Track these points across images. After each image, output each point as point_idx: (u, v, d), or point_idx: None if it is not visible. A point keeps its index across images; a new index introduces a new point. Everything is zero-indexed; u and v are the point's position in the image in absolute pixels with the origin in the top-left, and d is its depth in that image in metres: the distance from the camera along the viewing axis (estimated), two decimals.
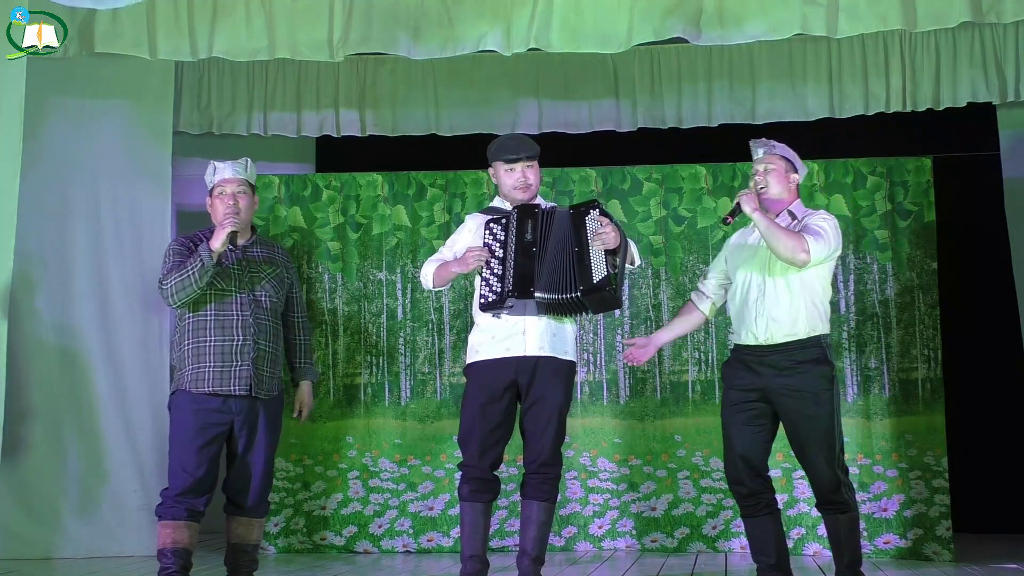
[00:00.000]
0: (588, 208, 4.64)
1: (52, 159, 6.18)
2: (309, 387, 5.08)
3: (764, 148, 4.76)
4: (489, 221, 4.71)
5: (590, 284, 4.51)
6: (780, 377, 4.55)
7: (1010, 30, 6.37)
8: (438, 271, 4.79)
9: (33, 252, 6.07)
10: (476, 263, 4.61)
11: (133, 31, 5.73)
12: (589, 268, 4.53)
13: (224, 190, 4.82)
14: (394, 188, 6.63)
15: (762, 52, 6.70)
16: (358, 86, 7.00)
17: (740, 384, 4.65)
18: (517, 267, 4.54)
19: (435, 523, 6.40)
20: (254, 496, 4.81)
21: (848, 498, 4.60)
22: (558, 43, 5.53)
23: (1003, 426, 7.02)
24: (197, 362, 4.70)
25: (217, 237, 4.68)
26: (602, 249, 4.56)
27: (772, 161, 4.71)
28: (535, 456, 4.67)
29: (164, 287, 4.69)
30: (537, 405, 4.65)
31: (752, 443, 4.61)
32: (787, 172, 4.72)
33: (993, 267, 6.85)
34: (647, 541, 6.31)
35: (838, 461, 4.58)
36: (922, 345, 6.22)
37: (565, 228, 4.60)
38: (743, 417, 4.62)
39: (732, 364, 4.73)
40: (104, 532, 6.10)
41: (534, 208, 4.66)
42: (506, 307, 4.56)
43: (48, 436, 6.08)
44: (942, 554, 5.99)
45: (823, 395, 4.54)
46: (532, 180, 4.73)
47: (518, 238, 4.58)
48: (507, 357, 4.63)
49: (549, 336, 4.65)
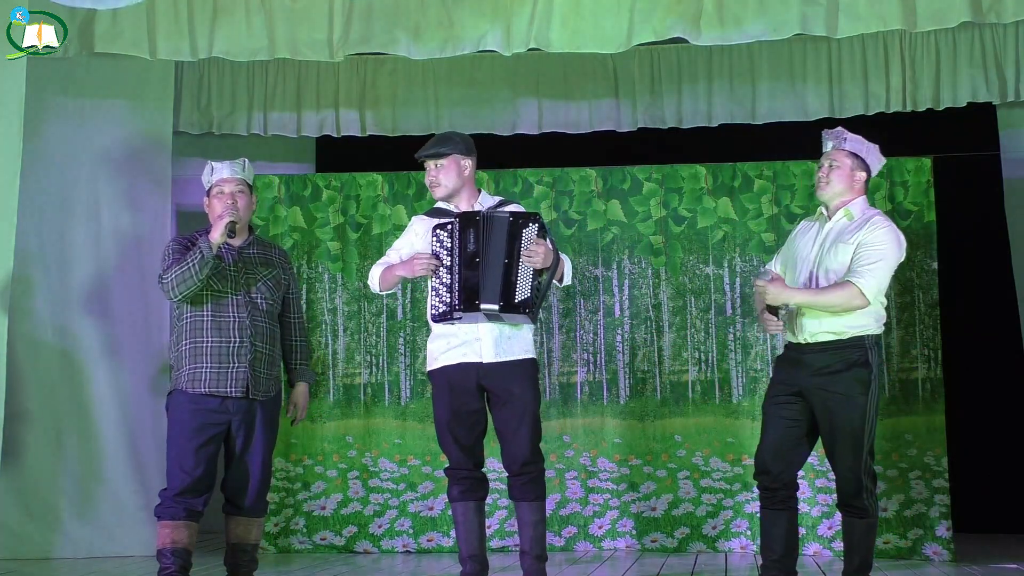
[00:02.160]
0: (527, 221, 4.60)
1: (52, 159, 6.18)
2: (305, 389, 5.04)
3: (834, 141, 4.64)
4: (436, 227, 4.69)
5: (510, 302, 4.53)
6: (817, 376, 4.49)
7: (1010, 30, 6.37)
8: (384, 274, 4.79)
9: (33, 252, 6.07)
10: (423, 271, 4.62)
11: (133, 31, 5.72)
12: (514, 285, 4.54)
13: (223, 189, 4.81)
14: (394, 188, 6.63)
15: (762, 52, 6.70)
16: (358, 86, 6.99)
17: (781, 379, 4.62)
18: (462, 279, 4.55)
19: (435, 523, 6.40)
20: (252, 496, 4.81)
21: (869, 504, 4.55)
22: (558, 43, 5.52)
23: (1003, 426, 7.02)
24: (194, 362, 4.70)
25: (216, 228, 4.67)
26: (530, 266, 4.56)
27: (838, 158, 4.60)
28: (515, 458, 4.67)
29: (165, 281, 4.67)
30: (507, 407, 4.65)
31: (783, 437, 4.57)
32: (853, 170, 4.60)
33: (993, 267, 6.85)
34: (647, 541, 6.31)
35: (865, 466, 4.51)
36: (922, 345, 6.22)
37: (502, 235, 4.58)
38: (779, 411, 4.58)
39: (781, 359, 4.70)
40: (104, 532, 6.10)
41: (475, 216, 4.63)
42: (455, 318, 4.58)
43: (48, 436, 6.08)
44: (942, 554, 5.99)
45: (857, 399, 4.46)
46: (441, 179, 4.71)
47: (461, 248, 4.58)
48: (466, 363, 4.64)
49: (504, 341, 4.64)
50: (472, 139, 4.87)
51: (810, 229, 4.72)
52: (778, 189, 6.41)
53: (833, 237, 4.58)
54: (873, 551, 4.67)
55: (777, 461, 4.58)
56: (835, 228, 4.60)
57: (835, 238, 4.57)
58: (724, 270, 6.43)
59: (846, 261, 4.51)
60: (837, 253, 4.53)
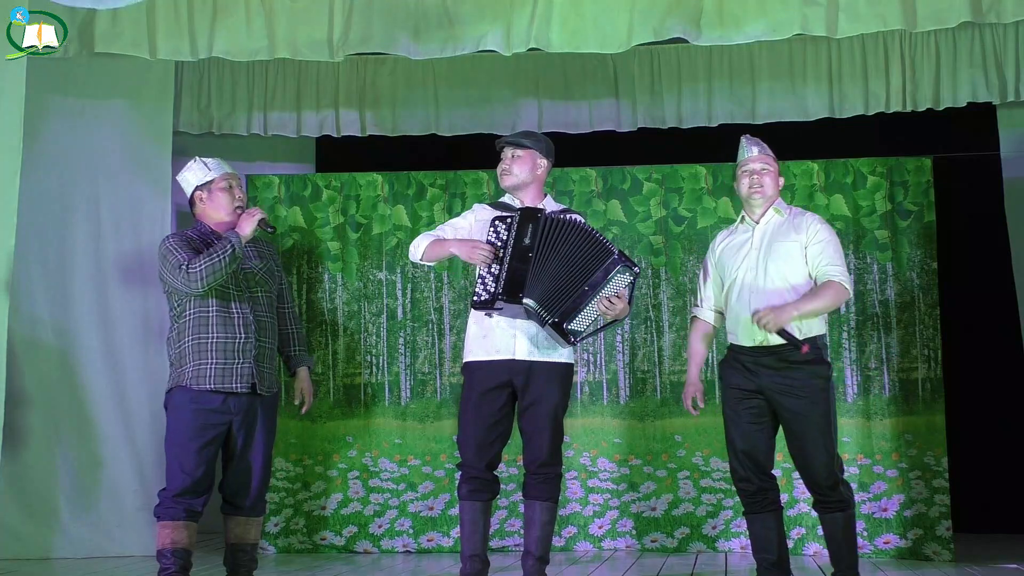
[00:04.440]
0: (628, 267, 4.61)
1: (52, 158, 6.17)
2: (307, 373, 5.01)
3: (759, 147, 4.78)
4: (495, 219, 4.70)
5: (561, 327, 4.55)
6: (776, 376, 4.56)
7: (1010, 30, 6.37)
8: (432, 245, 4.78)
9: (33, 251, 6.06)
10: (479, 260, 4.61)
11: (133, 31, 5.73)
12: (576, 312, 4.56)
13: (230, 183, 4.82)
14: (394, 188, 6.63)
15: (762, 52, 6.70)
16: (358, 86, 7.00)
17: (738, 383, 4.66)
18: (511, 271, 4.54)
19: (435, 523, 6.40)
20: (252, 496, 4.80)
21: (846, 495, 4.61)
22: (558, 43, 5.53)
23: (1003, 426, 7.02)
24: (199, 358, 4.67)
25: (247, 223, 4.70)
26: (601, 312, 4.60)
27: (768, 163, 4.75)
28: (534, 457, 4.69)
29: (192, 271, 4.59)
30: (534, 407, 4.66)
31: (755, 440, 4.62)
32: (777, 174, 4.77)
33: (993, 267, 6.84)
34: (647, 541, 6.31)
35: (836, 459, 4.58)
36: (922, 345, 6.22)
37: (584, 255, 4.57)
38: (744, 415, 4.63)
39: (729, 364, 4.73)
40: (103, 532, 6.10)
41: (537, 213, 4.64)
42: (496, 308, 4.58)
43: (47, 435, 6.07)
44: (942, 554, 5.99)
45: (819, 394, 4.55)
46: (514, 169, 4.73)
47: (517, 241, 4.58)
48: (499, 359, 4.65)
49: (540, 340, 4.65)
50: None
51: (735, 237, 4.79)
52: None
53: (771, 236, 4.68)
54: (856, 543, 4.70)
55: (755, 468, 4.64)
56: (769, 228, 4.70)
57: (773, 236, 4.67)
58: None
59: (793, 256, 4.61)
60: (780, 249, 4.63)
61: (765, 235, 4.69)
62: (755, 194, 4.71)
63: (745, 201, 4.78)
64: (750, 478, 4.63)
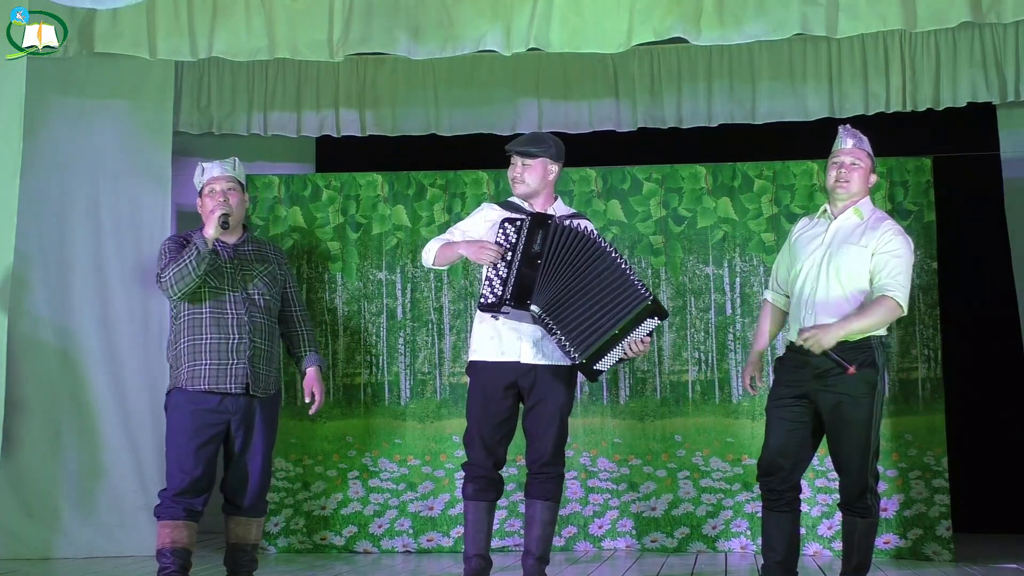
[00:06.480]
0: (657, 313, 4.59)
1: (52, 158, 6.17)
2: (317, 372, 4.99)
3: (855, 140, 4.62)
4: (505, 220, 4.68)
5: (589, 368, 4.55)
6: (823, 378, 4.46)
7: (1010, 30, 6.37)
8: (443, 249, 4.77)
9: (33, 252, 6.06)
10: (486, 260, 4.60)
11: (133, 31, 5.73)
12: (603, 353, 4.54)
13: (214, 188, 4.83)
14: (394, 188, 6.62)
15: (762, 52, 6.70)
16: (358, 86, 6.99)
17: (785, 381, 4.59)
18: (519, 276, 4.53)
19: (435, 523, 6.40)
20: (252, 495, 4.81)
21: (872, 504, 4.55)
22: (558, 43, 5.53)
23: (1003, 426, 7.01)
24: (193, 360, 4.69)
25: (209, 223, 4.69)
26: (623, 354, 4.58)
27: (861, 158, 4.59)
28: (537, 457, 4.70)
29: (163, 279, 4.67)
30: (538, 407, 4.67)
31: (787, 440, 4.55)
32: (870, 171, 4.61)
33: (993, 267, 6.84)
34: (647, 541, 6.31)
35: (870, 468, 4.51)
36: (922, 345, 6.22)
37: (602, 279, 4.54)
38: (783, 413, 4.56)
39: (783, 361, 4.66)
40: (103, 532, 6.09)
41: (548, 219, 4.62)
42: (502, 312, 4.57)
43: (47, 436, 6.07)
44: (942, 554, 5.99)
45: (862, 400, 4.44)
46: (526, 178, 4.73)
47: (527, 246, 4.56)
48: (505, 361, 4.65)
49: (545, 344, 4.65)
50: (564, 144, 4.86)
51: (813, 226, 4.68)
52: (778, 189, 6.41)
53: (842, 236, 4.55)
54: (872, 552, 4.67)
55: (782, 464, 4.56)
56: (843, 227, 4.58)
57: (844, 237, 4.54)
58: (724, 270, 6.43)
59: (857, 263, 4.48)
60: (847, 253, 4.50)
61: (837, 234, 4.56)
62: (839, 188, 4.57)
63: (830, 193, 4.64)
64: (772, 473, 4.57)
